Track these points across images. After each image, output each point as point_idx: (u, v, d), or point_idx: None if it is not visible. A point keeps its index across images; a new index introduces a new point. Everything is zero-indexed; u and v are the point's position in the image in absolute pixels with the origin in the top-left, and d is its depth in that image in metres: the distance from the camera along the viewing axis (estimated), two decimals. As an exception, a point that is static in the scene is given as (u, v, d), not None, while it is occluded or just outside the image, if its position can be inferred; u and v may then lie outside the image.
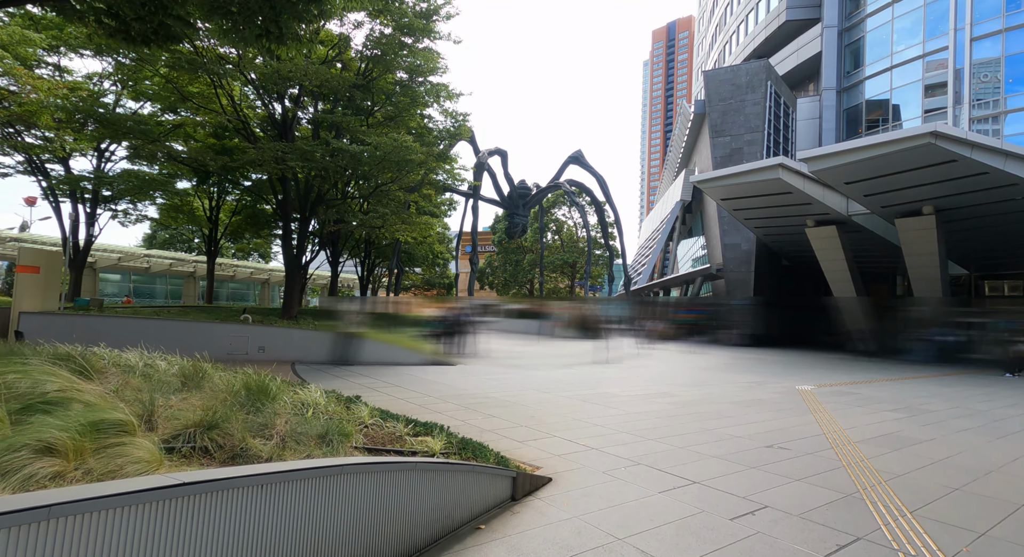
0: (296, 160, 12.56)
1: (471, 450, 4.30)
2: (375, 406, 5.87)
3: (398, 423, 4.43)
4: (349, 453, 3.23)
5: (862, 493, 4.92)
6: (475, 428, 6.94)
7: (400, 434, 4.14)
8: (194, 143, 19.09)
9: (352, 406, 4.79)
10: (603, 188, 29.06)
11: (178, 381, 3.85)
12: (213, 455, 2.78)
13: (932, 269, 21.52)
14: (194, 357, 6.17)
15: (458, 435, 4.89)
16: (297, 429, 3.25)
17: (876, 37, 33.76)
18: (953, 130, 16.39)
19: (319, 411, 4.08)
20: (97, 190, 20.95)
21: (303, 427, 3.29)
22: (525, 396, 9.95)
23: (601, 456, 5.80)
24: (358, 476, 2.79)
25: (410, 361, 14.54)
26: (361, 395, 8.92)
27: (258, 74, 13.18)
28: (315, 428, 3.31)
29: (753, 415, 8.86)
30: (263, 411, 3.35)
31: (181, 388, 3.74)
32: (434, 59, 15.68)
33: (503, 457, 4.64)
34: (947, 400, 11.67)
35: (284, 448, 2.96)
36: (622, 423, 7.72)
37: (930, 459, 6.34)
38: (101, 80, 20.01)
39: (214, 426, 2.89)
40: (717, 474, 5.34)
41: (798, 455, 6.28)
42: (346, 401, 5.13)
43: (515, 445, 6.11)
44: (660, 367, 16.92)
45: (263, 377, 4.16)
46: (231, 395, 3.53)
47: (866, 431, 7.90)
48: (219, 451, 2.81)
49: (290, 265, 15.76)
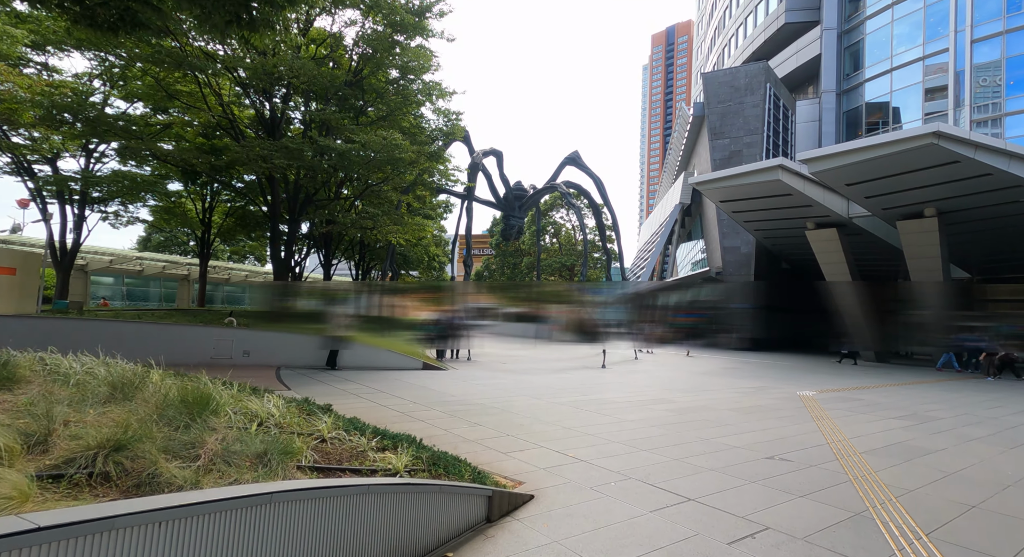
0: (282, 158, 12.19)
1: (443, 466, 3.90)
2: (351, 416, 5.49)
3: (362, 436, 4.03)
4: (291, 475, 2.83)
5: (871, 511, 4.53)
6: (458, 438, 6.54)
7: (363, 449, 3.75)
8: (184, 143, 18.74)
9: (315, 417, 4.39)
10: (600, 190, 28.73)
11: (107, 391, 3.45)
12: (115, 483, 2.37)
13: (934, 272, 21.15)
14: (158, 363, 5.79)
15: (433, 448, 4.50)
16: (232, 448, 2.84)
17: (876, 39, 33.54)
18: (956, 130, 16.07)
19: (272, 424, 3.69)
20: (85, 191, 20.58)
21: (239, 445, 2.89)
22: (515, 402, 9.55)
23: (590, 469, 5.40)
24: (294, 504, 2.39)
25: (401, 366, 14.15)
26: (342, 402, 8.55)
27: (245, 70, 12.85)
28: (254, 446, 2.89)
29: (753, 423, 8.47)
30: (194, 427, 2.95)
31: (108, 399, 3.33)
32: (427, 58, 15.36)
33: (480, 473, 4.24)
34: (953, 407, 11.28)
35: (208, 472, 2.56)
36: (615, 432, 7.33)
37: (942, 471, 5.95)
38: (90, 79, 19.69)
39: (123, 447, 2.47)
40: (714, 490, 4.95)
41: (801, 467, 5.88)
42: (310, 411, 4.73)
43: (498, 457, 5.71)
44: (658, 371, 16.53)
45: (207, 385, 3.78)
46: (161, 408, 3.13)
47: (872, 440, 7.50)
48: (124, 478, 2.38)
49: (278, 267, 15.38)
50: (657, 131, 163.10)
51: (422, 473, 3.66)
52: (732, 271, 30.37)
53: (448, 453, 4.42)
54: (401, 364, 14.17)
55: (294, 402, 5.06)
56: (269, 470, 2.75)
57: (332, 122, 13.50)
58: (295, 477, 2.82)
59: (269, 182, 15.25)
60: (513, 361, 17.97)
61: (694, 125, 39.12)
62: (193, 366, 12.21)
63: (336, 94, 15.00)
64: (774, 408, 10.06)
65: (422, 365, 14.25)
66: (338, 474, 3.15)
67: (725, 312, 31.10)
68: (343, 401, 8.93)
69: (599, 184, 28.67)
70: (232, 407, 3.72)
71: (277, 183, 15.01)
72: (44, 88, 13.72)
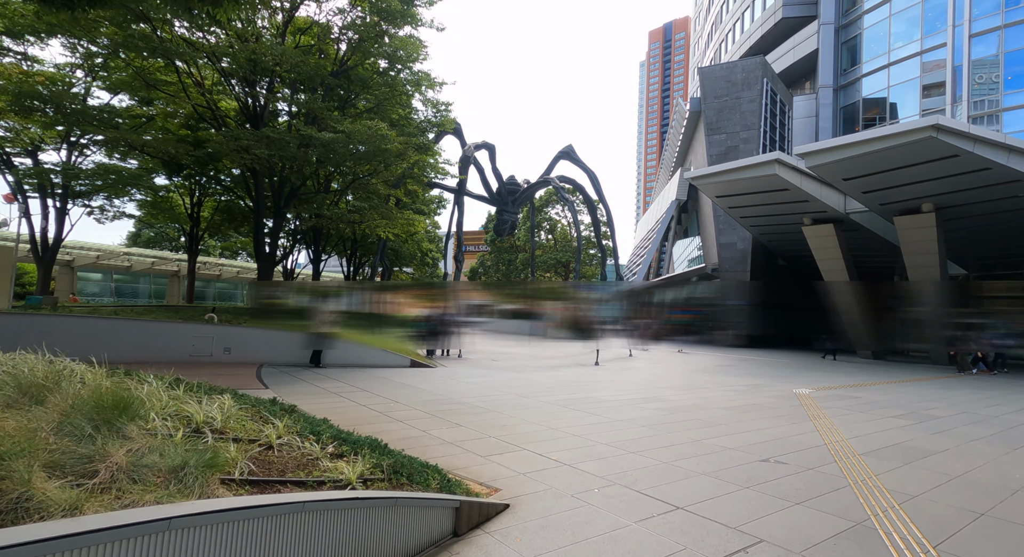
0: (264, 149, 11.77)
1: (407, 474, 3.54)
2: (324, 416, 5.12)
3: (318, 442, 3.67)
4: (211, 492, 2.46)
5: (874, 521, 4.20)
6: (435, 440, 6.19)
7: (315, 457, 3.39)
8: (167, 135, 18.27)
9: (271, 420, 4.02)
10: (595, 184, 28.34)
11: (13, 393, 3.06)
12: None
13: (932, 269, 20.91)
14: (113, 360, 5.42)
15: (401, 453, 4.14)
16: (142, 461, 2.46)
17: (873, 34, 33.24)
18: (955, 123, 15.78)
19: (211, 429, 3.32)
20: (67, 184, 20.08)
21: (153, 457, 2.51)
22: (502, 401, 9.20)
23: (573, 474, 5.05)
24: (204, 529, 2.03)
25: (388, 363, 13.79)
26: (320, 401, 8.16)
27: (225, 56, 12.39)
28: (172, 458, 2.51)
29: (748, 423, 8.14)
30: (101, 436, 2.57)
31: (11, 404, 2.94)
32: (416, 47, 14.93)
33: (450, 480, 3.89)
34: (952, 405, 11.00)
35: (104, 492, 2.17)
36: (603, 433, 6.99)
37: (946, 474, 5.63)
38: (72, 70, 19.18)
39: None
40: (705, 496, 4.61)
41: (798, 470, 5.56)
42: (270, 412, 4.35)
43: (476, 461, 5.35)
44: (652, 369, 16.22)
45: (136, 386, 3.40)
46: (66, 414, 2.74)
47: (871, 441, 7.19)
48: (-14, 501, 2.01)
49: (262, 262, 14.96)
50: (654, 128, 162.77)
51: (380, 483, 3.30)
52: (728, 268, 30.09)
53: (417, 459, 4.06)
54: (388, 362, 13.80)
55: (251, 403, 4.68)
56: (183, 487, 2.38)
57: (317, 111, 13.08)
58: (215, 494, 2.45)
59: (253, 175, 14.82)
60: (505, 358, 17.63)
61: (690, 121, 38.78)
62: (170, 364, 11.84)
63: (322, 84, 14.58)
64: (769, 407, 9.75)
65: (410, 363, 13.89)
66: (276, 488, 2.79)
67: (719, 309, 30.85)
68: (321, 400, 8.57)
69: (593, 178, 28.30)
70: (165, 410, 3.34)
71: (261, 176, 14.58)
72: (17, 75, 13.24)
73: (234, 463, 2.83)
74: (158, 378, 4.40)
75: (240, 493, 2.60)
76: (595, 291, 30.36)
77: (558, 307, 29.48)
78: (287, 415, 4.66)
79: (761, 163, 20.36)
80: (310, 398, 8.67)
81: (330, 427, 4.33)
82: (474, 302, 26.49)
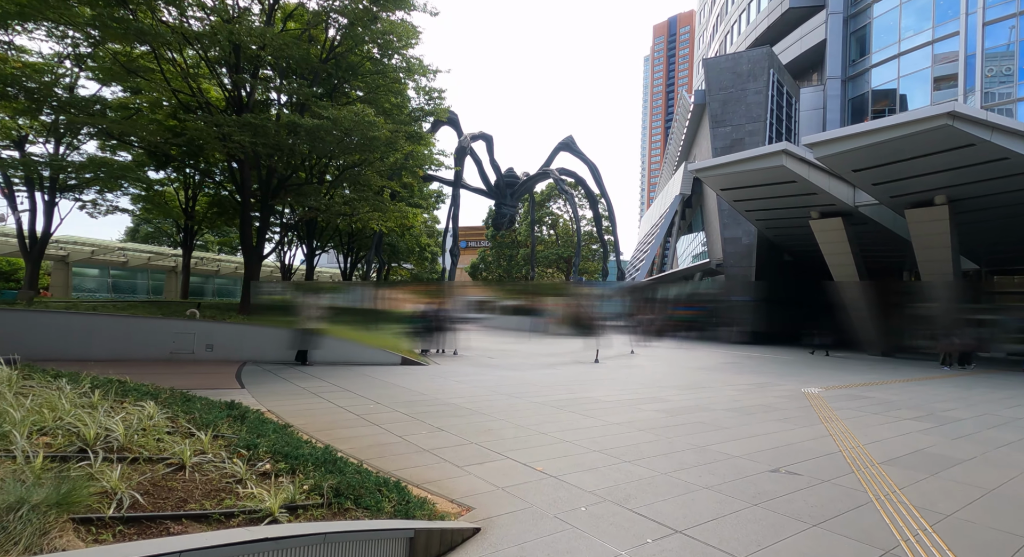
0: (244, 135, 11.21)
1: (353, 496, 2.99)
2: (299, 421, 4.57)
3: (246, 460, 3.11)
4: (52, 540, 1.89)
5: (905, 548, 3.62)
6: (411, 447, 5.63)
7: (239, 478, 2.84)
8: (156, 126, 17.76)
9: (196, 432, 3.46)
10: (595, 176, 27.65)
11: None
12: None
13: (944, 263, 20.21)
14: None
15: (358, 466, 3.58)
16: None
17: (883, 23, 32.39)
18: (973, 111, 15.07)
19: (112, 446, 2.78)
20: (55, 177, 19.60)
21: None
22: (491, 402, 8.64)
23: (558, 489, 4.48)
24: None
25: (379, 361, 13.26)
26: (297, 403, 7.52)
27: (207, 38, 11.82)
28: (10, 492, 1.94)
29: (755, 426, 7.56)
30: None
31: None
32: (410, 33, 14.32)
33: (410, 502, 3.32)
34: (971, 405, 10.38)
35: None
36: (597, 438, 6.42)
37: (979, 488, 5.04)
38: (60, 60, 18.70)
39: None
40: (708, 516, 4.04)
41: (812, 483, 4.98)
42: (203, 422, 3.80)
43: (450, 473, 4.80)
44: (653, 367, 15.63)
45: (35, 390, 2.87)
46: None
47: (890, 447, 6.60)
48: None
49: (249, 256, 14.43)
50: (658, 123, 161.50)
51: (316, 510, 2.75)
52: (733, 263, 29.41)
53: (372, 475, 3.50)
54: (378, 359, 13.27)
55: (200, 409, 4.12)
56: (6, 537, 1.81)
57: (303, 98, 12.51)
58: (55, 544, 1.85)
59: (239, 165, 14.28)
60: (502, 356, 17.08)
61: (695, 113, 38.01)
62: (149, 362, 11.33)
63: (311, 71, 14.01)
64: (777, 408, 9.16)
65: (401, 360, 13.36)
66: (164, 526, 2.24)
67: (722, 305, 30.21)
68: (298, 401, 8.04)
69: (594, 170, 27.61)
70: (57, 424, 2.79)
71: (246, 165, 14.03)
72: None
73: (113, 494, 2.29)
74: (83, 380, 3.86)
75: (103, 537, 2.05)
76: (595, 288, 29.76)
77: (558, 303, 28.92)
78: (237, 423, 4.11)
79: (768, 154, 19.68)
80: (286, 399, 8.14)
81: (276, 437, 3.77)
82: (472, 298, 25.94)
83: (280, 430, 4.68)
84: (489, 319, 32.51)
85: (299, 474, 3.08)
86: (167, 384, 8.67)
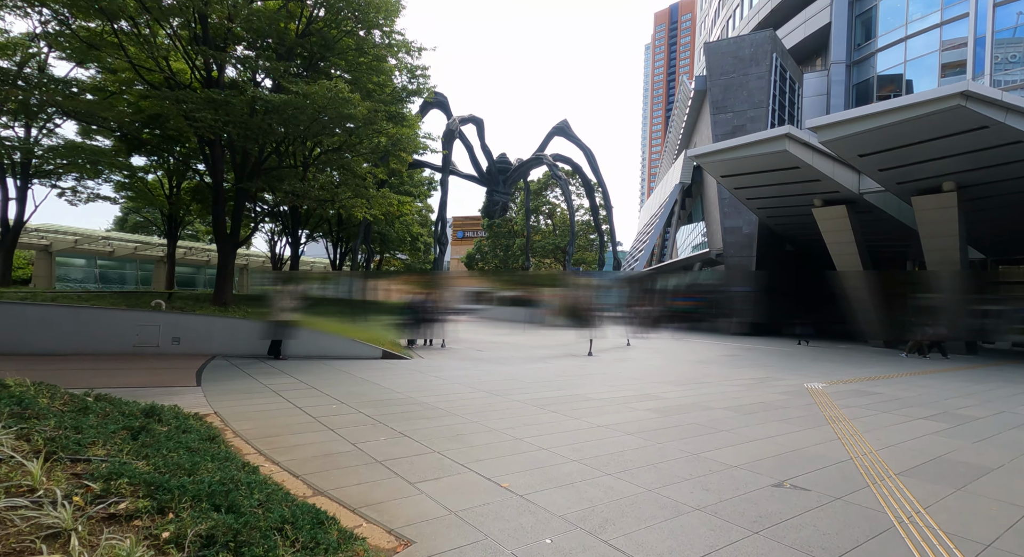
0: (207, 112, 10.43)
1: (235, 545, 2.28)
2: (247, 425, 3.85)
3: (91, 498, 2.39)
4: None
5: (941, 593, 2.93)
6: (363, 458, 4.93)
7: (61, 529, 2.08)
8: (128, 107, 16.91)
9: (55, 456, 2.75)
10: (591, 162, 26.77)
11: None
12: None
13: (951, 251, 19.48)
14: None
15: (280, 486, 2.87)
16: None
17: (889, 5, 31.38)
18: (987, 90, 14.27)
19: None
20: (27, 162, 18.78)
21: None
22: (468, 401, 7.95)
23: (523, 513, 3.78)
24: None
25: (359, 355, 12.57)
26: (254, 402, 6.71)
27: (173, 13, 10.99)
28: None
29: (755, 428, 6.88)
30: None
31: None
32: (392, 8, 13.44)
33: (327, 542, 2.62)
34: (986, 402, 9.71)
35: None
36: (578, 444, 5.73)
37: (1017, 506, 4.35)
38: (36, 40, 17.85)
39: None
40: (699, 550, 3.34)
41: (822, 502, 4.29)
42: (69, 441, 3.07)
43: (400, 492, 4.09)
44: (649, 360, 14.95)
45: None
46: None
47: (906, 453, 5.91)
48: None
49: (222, 243, 13.67)
50: (659, 112, 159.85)
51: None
52: (733, 253, 28.67)
53: (275, 513, 2.78)
54: (358, 353, 12.58)
55: (70, 422, 3.40)
56: None
57: (274, 74, 11.69)
58: None
59: (209, 146, 13.47)
60: (492, 348, 16.41)
61: (696, 100, 37.05)
62: (110, 356, 10.63)
63: (285, 48, 13.17)
64: (779, 406, 8.47)
65: (381, 354, 12.66)
66: None
67: (722, 296, 29.53)
68: (254, 401, 7.34)
69: (589, 156, 26.74)
70: None
71: (217, 146, 13.23)
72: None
73: None
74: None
75: None
76: (591, 278, 29.03)
77: (553, 294, 28.21)
78: (135, 438, 3.40)
79: (770, 139, 18.87)
80: (241, 399, 7.44)
81: (176, 457, 3.05)
82: (464, 289, 25.22)
83: (202, 444, 3.98)
84: (480, 310, 31.81)
85: (170, 513, 2.39)
86: (115, 382, 8.00)
